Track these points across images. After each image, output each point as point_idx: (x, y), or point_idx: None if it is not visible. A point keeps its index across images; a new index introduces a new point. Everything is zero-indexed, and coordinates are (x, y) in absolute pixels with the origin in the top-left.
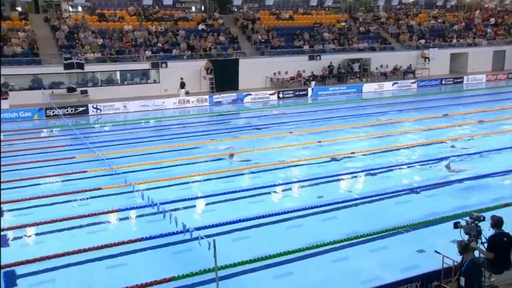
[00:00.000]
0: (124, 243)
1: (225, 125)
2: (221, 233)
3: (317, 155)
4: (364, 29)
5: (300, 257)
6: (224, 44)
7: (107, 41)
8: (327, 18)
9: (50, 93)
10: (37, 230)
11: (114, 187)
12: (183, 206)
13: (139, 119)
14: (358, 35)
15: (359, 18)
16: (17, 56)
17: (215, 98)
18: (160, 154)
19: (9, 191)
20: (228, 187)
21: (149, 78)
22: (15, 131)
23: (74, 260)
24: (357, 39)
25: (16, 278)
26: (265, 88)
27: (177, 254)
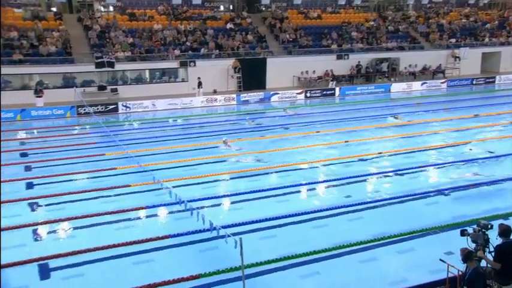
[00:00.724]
0: (152, 239)
1: (253, 124)
2: (248, 232)
3: (344, 154)
4: (393, 28)
5: (327, 256)
6: (252, 43)
7: (137, 40)
8: (355, 17)
9: (82, 92)
10: (69, 225)
11: (143, 184)
12: (210, 204)
13: (167, 117)
14: (387, 34)
15: (388, 17)
16: (51, 55)
17: (242, 97)
18: (187, 152)
19: (42, 187)
20: (255, 186)
21: (177, 76)
22: (48, 128)
23: (103, 255)
24: (385, 38)
25: (49, 270)
26: (293, 87)
27: (204, 251)
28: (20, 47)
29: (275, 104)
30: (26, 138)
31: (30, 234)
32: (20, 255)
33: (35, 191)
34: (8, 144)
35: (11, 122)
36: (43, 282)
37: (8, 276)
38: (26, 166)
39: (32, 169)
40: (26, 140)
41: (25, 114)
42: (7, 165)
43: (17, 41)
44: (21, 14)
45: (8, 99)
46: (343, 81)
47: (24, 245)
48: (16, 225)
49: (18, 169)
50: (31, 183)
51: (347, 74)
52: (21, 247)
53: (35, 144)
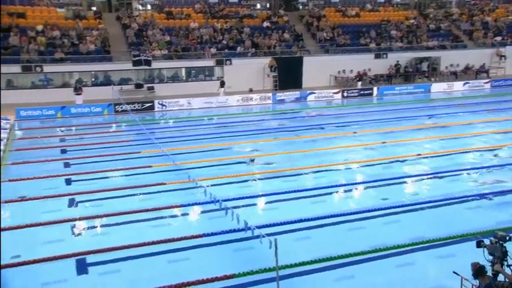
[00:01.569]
0: (186, 238)
1: (288, 123)
2: (282, 232)
3: (381, 155)
4: (434, 26)
5: (363, 260)
6: (288, 42)
7: (174, 38)
8: (395, 15)
9: (119, 89)
10: (105, 222)
11: (178, 182)
12: (245, 204)
13: (203, 116)
14: (428, 33)
15: (429, 15)
16: (90, 53)
17: (278, 96)
18: (223, 151)
19: (80, 183)
20: (291, 186)
21: (213, 75)
22: (86, 125)
23: (138, 252)
24: (426, 36)
25: (86, 265)
26: (329, 87)
27: (238, 251)
28: (61, 46)
29: (311, 104)
30: (66, 135)
31: (68, 230)
32: (58, 249)
33: (73, 187)
34: (49, 141)
35: (52, 119)
36: (80, 277)
37: (48, 270)
38: (65, 163)
39: (70, 165)
40: (66, 137)
41: (65, 112)
42: (48, 161)
43: (59, 40)
44: (64, 14)
45: (49, 96)
46: (381, 80)
47: (62, 240)
48: (56, 220)
49: (58, 165)
50: (70, 180)
51: (385, 74)
52: (60, 242)
53: (73, 141)
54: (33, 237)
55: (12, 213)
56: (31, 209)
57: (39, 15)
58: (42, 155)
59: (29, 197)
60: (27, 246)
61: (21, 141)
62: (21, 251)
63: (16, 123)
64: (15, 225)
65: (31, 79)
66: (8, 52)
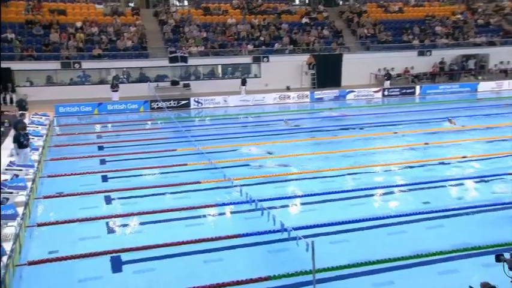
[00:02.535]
0: (221, 238)
1: (326, 123)
2: (319, 235)
3: (424, 157)
4: (483, 21)
5: (403, 265)
6: (328, 38)
7: (210, 34)
8: (440, 10)
9: (155, 86)
10: (140, 220)
11: (213, 181)
12: (281, 205)
13: (239, 114)
14: (476, 28)
15: (478, 9)
16: (127, 50)
17: (316, 95)
18: (258, 150)
19: (115, 180)
20: (328, 187)
21: (250, 72)
22: (122, 122)
23: (173, 251)
24: (474, 32)
25: (121, 263)
26: (369, 85)
27: (274, 253)
28: (99, 42)
29: (350, 102)
30: (102, 132)
31: (104, 227)
32: (94, 246)
33: (109, 184)
34: (86, 138)
35: (89, 116)
36: (115, 275)
37: (84, 266)
38: (101, 159)
39: (106, 162)
40: (102, 134)
41: (102, 108)
42: (85, 158)
43: (97, 36)
44: (102, 10)
45: (87, 93)
46: (425, 79)
47: (98, 236)
48: (92, 217)
49: (95, 162)
50: (106, 177)
51: (429, 72)
52: (95, 239)
53: (110, 137)
54: (70, 233)
55: (50, 208)
56: (68, 205)
57: (78, 12)
58: (79, 151)
59: (66, 193)
60: (64, 242)
61: (60, 138)
62: (58, 247)
63: (55, 119)
64: (53, 221)
65: (70, 75)
66: (48, 49)
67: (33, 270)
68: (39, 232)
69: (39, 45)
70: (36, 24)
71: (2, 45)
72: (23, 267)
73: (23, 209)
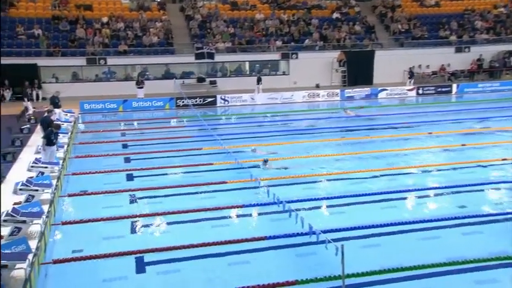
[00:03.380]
0: (247, 240)
1: (357, 122)
2: (349, 238)
3: (460, 159)
4: None
5: (437, 272)
6: (359, 34)
7: (238, 30)
8: (480, 3)
9: (181, 83)
10: (165, 220)
11: (240, 181)
12: (310, 206)
13: (267, 112)
14: None
15: None
16: (153, 45)
17: (347, 93)
18: (286, 150)
19: (140, 179)
20: (359, 189)
21: (278, 69)
22: (147, 120)
23: (198, 252)
24: None
25: (145, 264)
26: (403, 83)
27: (302, 256)
28: (125, 38)
29: (383, 101)
30: (127, 130)
31: (128, 226)
32: (118, 246)
33: (134, 182)
34: (111, 135)
35: (114, 113)
36: (139, 275)
37: (108, 266)
38: (125, 157)
39: (131, 161)
40: (127, 131)
41: (126, 105)
42: (109, 155)
43: (123, 32)
44: (128, 5)
45: (112, 90)
46: (462, 77)
47: (122, 236)
48: (116, 216)
49: (119, 160)
50: (131, 175)
51: (466, 69)
52: (119, 238)
53: (134, 135)
54: (94, 232)
55: (74, 207)
56: (92, 203)
57: (104, 7)
58: (103, 149)
59: (90, 192)
60: (89, 241)
61: (84, 135)
62: (82, 246)
63: (80, 116)
64: (78, 220)
65: (95, 72)
66: (74, 45)
67: (58, 268)
68: (63, 230)
69: (65, 41)
70: (62, 19)
71: (29, 40)
72: (48, 266)
73: (48, 206)
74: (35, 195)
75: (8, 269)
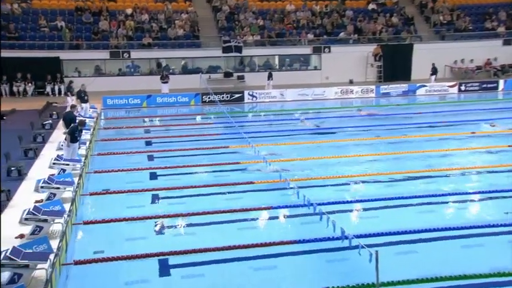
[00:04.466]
0: (275, 244)
1: (393, 121)
2: (384, 244)
3: (506, 161)
4: None
5: (479, 284)
6: (397, 27)
7: (267, 22)
8: None
9: (207, 78)
10: (189, 221)
11: (268, 182)
12: (342, 209)
13: (297, 109)
14: None
15: None
16: (178, 38)
17: (382, 89)
18: (318, 149)
19: (164, 178)
20: (395, 192)
21: (309, 64)
22: (172, 116)
23: (223, 256)
24: None
25: (169, 267)
26: (444, 79)
27: (333, 262)
28: (149, 31)
29: (421, 98)
30: (151, 126)
31: (151, 227)
32: (141, 247)
33: (157, 181)
34: (134, 132)
35: (137, 109)
36: (163, 278)
37: (130, 268)
38: (149, 155)
39: (154, 159)
40: (151, 128)
41: (151, 101)
42: (132, 153)
43: (147, 24)
44: None
45: (136, 84)
46: (510, 72)
47: (145, 237)
48: (139, 216)
49: (142, 158)
50: (154, 174)
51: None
52: (142, 240)
53: (158, 132)
54: (116, 233)
55: (96, 206)
56: (115, 202)
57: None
58: (126, 146)
59: (112, 190)
60: (111, 242)
61: (107, 131)
62: (104, 247)
63: (102, 112)
64: (100, 219)
65: (118, 66)
66: (97, 37)
67: (79, 270)
68: (85, 230)
69: (88, 33)
70: (85, 11)
71: (51, 33)
72: (70, 267)
73: (70, 205)
74: (57, 193)
75: (29, 268)
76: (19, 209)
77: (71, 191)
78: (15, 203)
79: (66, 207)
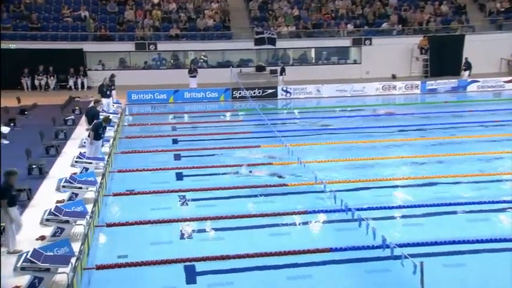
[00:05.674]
0: (309, 251)
1: (441, 119)
2: (429, 255)
3: None
4: None
5: None
6: (447, 16)
7: (303, 12)
8: None
9: (238, 72)
10: (217, 225)
11: (302, 184)
12: (383, 216)
13: (334, 106)
14: None
15: None
16: (208, 29)
17: (429, 85)
18: (357, 150)
19: (191, 179)
20: (442, 197)
21: (349, 57)
22: (200, 113)
23: (253, 263)
24: None
25: (196, 274)
26: (499, 74)
27: (372, 273)
28: (177, 21)
29: (472, 95)
30: (177, 123)
31: (177, 231)
32: (166, 252)
33: (184, 182)
34: (160, 129)
35: (164, 104)
36: (189, 286)
37: (155, 274)
38: (175, 154)
39: (181, 158)
40: (177, 125)
41: (178, 96)
42: (158, 152)
43: (175, 14)
44: None
45: (162, 78)
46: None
47: (170, 242)
48: (164, 219)
49: (169, 157)
50: (181, 174)
51: None
52: (168, 244)
53: (185, 130)
54: (140, 236)
55: (120, 207)
56: (139, 204)
57: None
58: (151, 144)
59: (137, 191)
60: (134, 246)
61: (131, 128)
62: (128, 251)
63: (127, 107)
64: (123, 222)
65: (144, 58)
66: (122, 28)
67: (101, 275)
68: (107, 233)
69: (113, 23)
70: (110, 0)
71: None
72: (91, 271)
73: (92, 206)
74: (79, 193)
75: (50, 272)
76: (40, 209)
77: (93, 191)
78: (36, 202)
79: (89, 208)
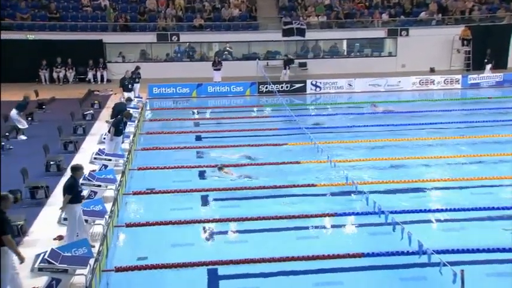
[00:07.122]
0: (340, 256)
1: (483, 117)
2: (470, 262)
3: None
4: None
5: None
6: (492, 4)
7: (335, 0)
8: None
9: (265, 65)
10: (242, 226)
11: (332, 185)
12: (419, 219)
13: (367, 102)
14: None
15: None
16: (233, 20)
17: (471, 79)
18: (393, 149)
19: (215, 177)
20: (484, 201)
21: (383, 49)
22: (225, 108)
23: (279, 268)
24: None
25: (218, 278)
26: None
27: (407, 280)
28: (201, 11)
29: None
30: (201, 119)
31: (200, 232)
32: (188, 255)
33: (207, 181)
34: (182, 125)
35: (186, 99)
36: None
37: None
38: (198, 151)
39: (203, 155)
40: (201, 121)
41: (201, 90)
42: (180, 149)
43: (199, 3)
44: None
45: (184, 71)
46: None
47: (192, 244)
48: (186, 220)
49: (191, 154)
50: (203, 173)
51: None
52: (189, 246)
53: (209, 126)
54: (161, 238)
55: (140, 207)
56: (160, 203)
57: None
58: (173, 141)
59: (158, 190)
60: (155, 248)
61: (152, 124)
62: (148, 252)
63: (148, 101)
64: (143, 222)
65: (166, 50)
66: (143, 18)
67: (121, 277)
68: (127, 233)
69: (133, 13)
70: None
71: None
72: (110, 273)
73: (111, 205)
74: (98, 191)
75: (68, 274)
76: (58, 208)
77: (112, 189)
78: (54, 200)
79: (108, 207)
